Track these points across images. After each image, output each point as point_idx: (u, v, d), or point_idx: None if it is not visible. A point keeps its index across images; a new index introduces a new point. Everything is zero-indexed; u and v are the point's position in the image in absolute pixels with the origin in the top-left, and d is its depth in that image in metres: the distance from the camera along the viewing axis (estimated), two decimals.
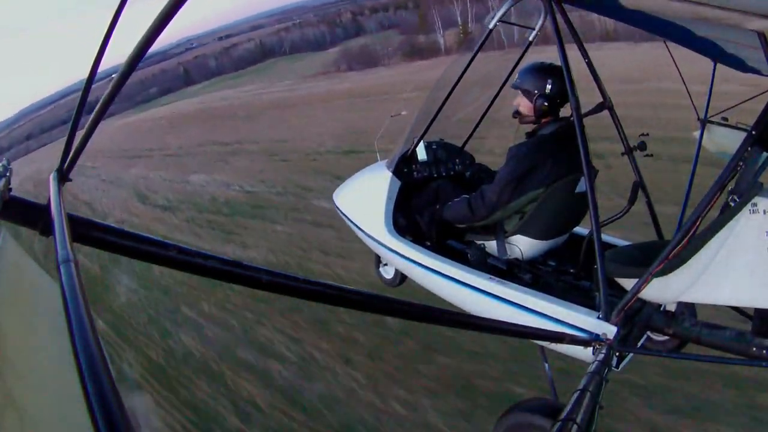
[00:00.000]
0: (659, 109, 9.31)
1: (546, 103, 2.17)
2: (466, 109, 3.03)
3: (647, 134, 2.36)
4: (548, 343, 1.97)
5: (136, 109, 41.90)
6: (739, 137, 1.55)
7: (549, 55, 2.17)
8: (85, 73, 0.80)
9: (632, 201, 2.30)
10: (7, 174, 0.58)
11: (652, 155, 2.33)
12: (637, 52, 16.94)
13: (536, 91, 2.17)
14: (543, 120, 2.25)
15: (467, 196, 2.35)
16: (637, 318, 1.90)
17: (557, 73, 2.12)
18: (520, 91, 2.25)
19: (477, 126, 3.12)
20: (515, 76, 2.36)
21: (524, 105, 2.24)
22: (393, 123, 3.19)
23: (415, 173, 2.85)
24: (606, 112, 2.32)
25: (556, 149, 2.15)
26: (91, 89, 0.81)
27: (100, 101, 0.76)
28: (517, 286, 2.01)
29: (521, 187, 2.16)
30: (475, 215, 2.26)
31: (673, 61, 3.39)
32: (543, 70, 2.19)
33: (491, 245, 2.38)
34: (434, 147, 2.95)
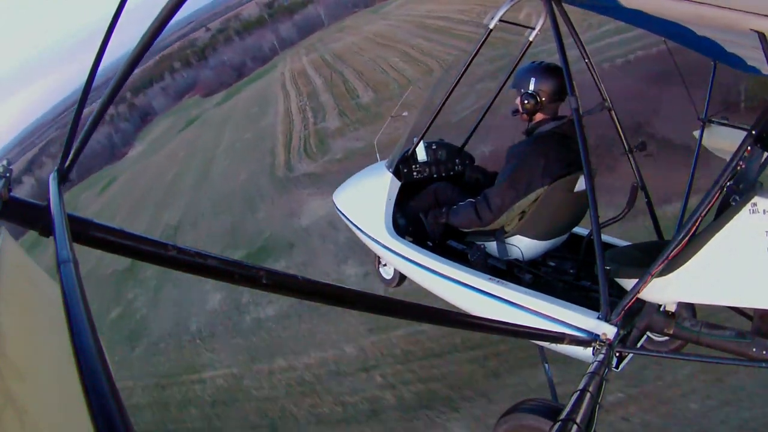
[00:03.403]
0: None
1: (531, 101, 2.22)
2: None
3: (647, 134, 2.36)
4: (548, 343, 1.97)
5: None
6: (739, 137, 1.55)
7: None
8: (84, 74, 0.80)
9: (631, 203, 2.30)
10: (8, 174, 0.58)
11: (652, 155, 2.33)
12: None
13: (522, 90, 2.24)
14: (536, 117, 2.28)
15: (472, 200, 2.35)
16: (637, 318, 1.90)
17: (544, 72, 2.18)
18: (516, 90, 2.32)
19: (477, 126, 3.12)
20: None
21: (517, 103, 2.31)
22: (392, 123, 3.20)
23: (414, 173, 2.85)
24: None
25: (553, 147, 2.15)
26: (91, 89, 0.81)
27: (100, 101, 0.76)
28: (517, 286, 2.02)
29: (523, 186, 2.16)
30: (483, 221, 2.27)
31: (673, 61, 3.39)
32: (530, 69, 2.25)
33: (491, 246, 2.38)
34: (434, 147, 2.95)
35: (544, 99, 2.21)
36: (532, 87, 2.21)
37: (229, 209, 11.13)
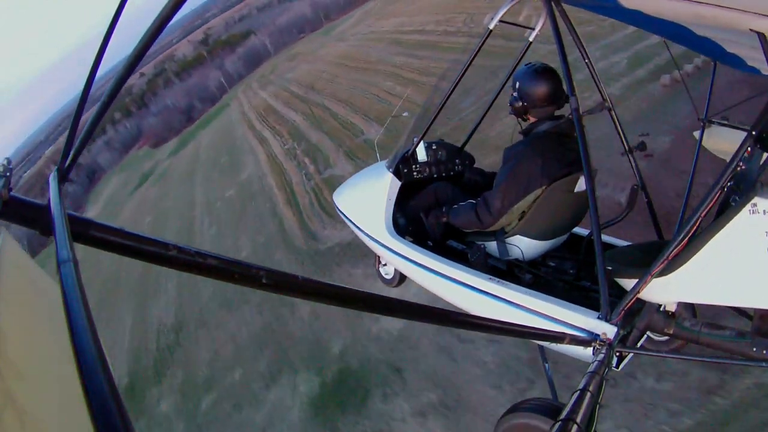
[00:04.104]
0: None
1: (518, 103, 2.25)
2: None
3: (647, 134, 2.36)
4: (548, 343, 1.97)
5: None
6: (739, 137, 1.55)
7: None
8: (84, 73, 0.80)
9: (631, 205, 2.30)
10: (8, 174, 0.58)
11: (652, 155, 2.33)
12: None
13: (512, 92, 2.28)
14: (530, 119, 2.29)
15: (473, 201, 2.35)
16: (637, 318, 1.90)
17: (532, 75, 2.19)
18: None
19: (476, 126, 3.12)
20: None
21: (509, 104, 2.34)
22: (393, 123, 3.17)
23: (415, 173, 2.85)
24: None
25: (549, 146, 2.15)
26: (91, 89, 0.81)
27: (100, 101, 0.76)
28: (517, 286, 2.02)
29: (522, 186, 2.16)
30: (483, 223, 2.27)
31: (674, 60, 3.39)
32: (520, 72, 2.26)
33: (491, 246, 2.38)
34: (434, 147, 2.95)
35: (531, 102, 2.22)
36: (519, 90, 2.24)
37: (246, 301, 6.80)
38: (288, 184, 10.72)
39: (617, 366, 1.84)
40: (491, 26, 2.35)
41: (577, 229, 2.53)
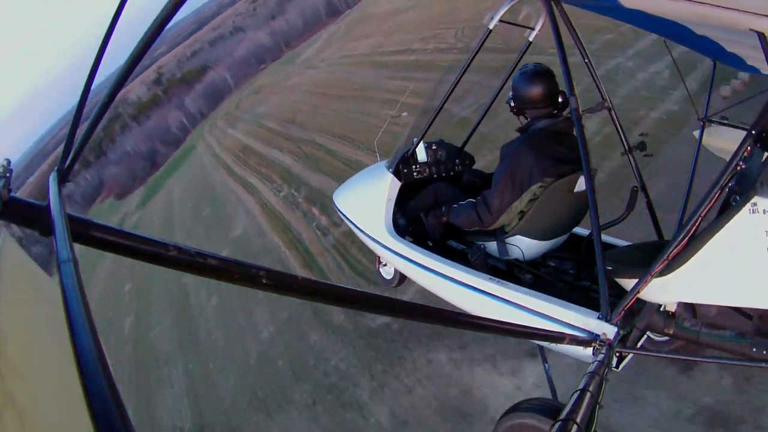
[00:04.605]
0: None
1: (513, 103, 2.30)
2: None
3: (647, 134, 2.36)
4: (548, 343, 1.97)
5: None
6: (739, 137, 1.55)
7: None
8: (84, 73, 0.81)
9: (631, 206, 2.30)
10: (8, 174, 0.58)
11: (652, 155, 2.33)
12: None
13: (510, 91, 2.33)
14: (527, 117, 2.32)
15: (473, 200, 2.36)
16: (637, 318, 1.90)
17: (526, 77, 2.22)
18: None
19: (476, 126, 3.12)
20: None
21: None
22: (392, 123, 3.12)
23: (414, 174, 2.85)
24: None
25: (545, 144, 2.16)
26: (90, 89, 0.81)
27: (100, 101, 0.76)
28: (517, 286, 2.02)
29: (519, 184, 2.16)
30: (484, 222, 2.28)
31: (673, 60, 3.39)
32: (518, 73, 2.29)
33: (491, 246, 2.38)
34: (434, 147, 2.96)
35: (526, 102, 2.24)
36: (514, 90, 2.27)
37: (290, 400, 4.28)
38: (298, 241, 7.64)
39: (617, 366, 1.84)
40: (491, 26, 2.35)
41: (577, 229, 2.53)
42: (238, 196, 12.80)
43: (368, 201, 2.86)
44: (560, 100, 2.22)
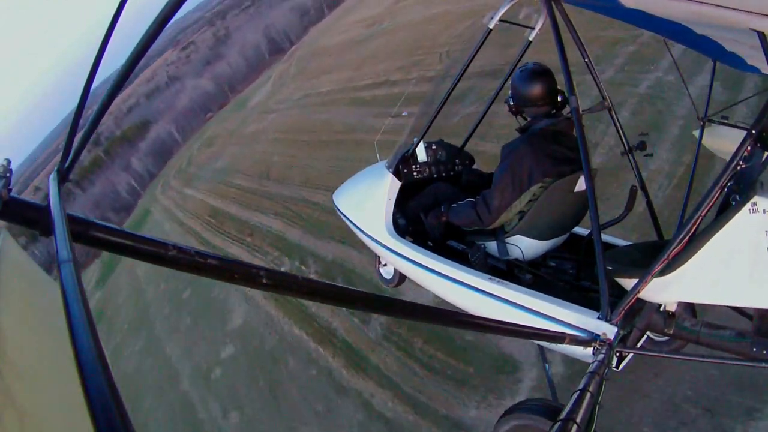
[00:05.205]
0: None
1: (512, 102, 2.31)
2: None
3: (647, 134, 2.36)
4: (548, 343, 1.97)
5: None
6: (739, 136, 1.55)
7: None
8: (84, 73, 0.80)
9: (630, 206, 2.30)
10: (8, 174, 0.58)
11: (651, 155, 2.32)
12: None
13: (509, 91, 2.34)
14: (525, 117, 2.32)
15: (472, 200, 2.36)
16: (637, 318, 1.90)
17: (524, 76, 2.23)
18: None
19: (476, 126, 3.12)
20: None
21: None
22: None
23: (415, 174, 2.85)
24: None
25: (544, 143, 2.16)
26: (90, 90, 0.81)
27: (100, 101, 0.76)
28: (517, 286, 2.02)
29: (519, 184, 2.16)
30: (484, 221, 2.28)
31: (673, 60, 3.39)
32: (516, 73, 2.29)
33: (491, 245, 2.38)
34: (434, 147, 2.96)
35: (525, 102, 2.24)
36: (513, 89, 2.27)
37: None
38: (330, 331, 5.34)
39: (617, 366, 1.84)
40: (491, 25, 2.35)
41: (577, 229, 2.53)
42: None
43: (368, 201, 2.86)
44: (559, 99, 2.22)
